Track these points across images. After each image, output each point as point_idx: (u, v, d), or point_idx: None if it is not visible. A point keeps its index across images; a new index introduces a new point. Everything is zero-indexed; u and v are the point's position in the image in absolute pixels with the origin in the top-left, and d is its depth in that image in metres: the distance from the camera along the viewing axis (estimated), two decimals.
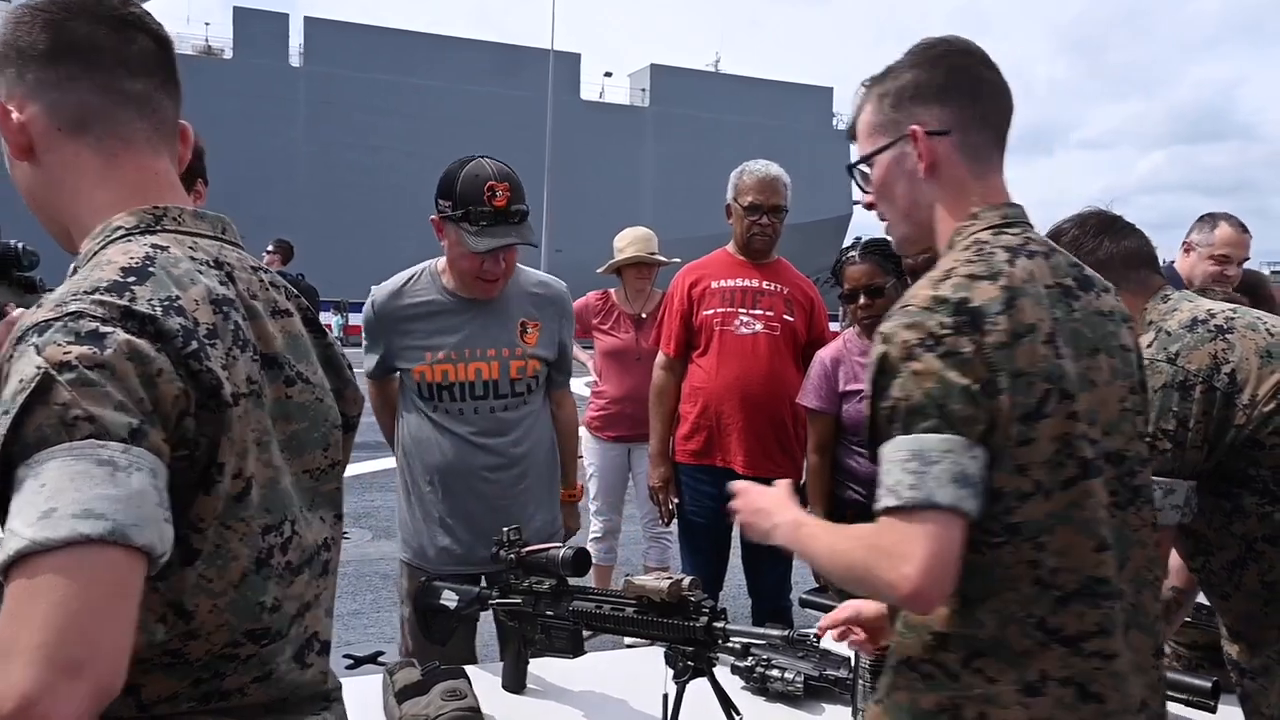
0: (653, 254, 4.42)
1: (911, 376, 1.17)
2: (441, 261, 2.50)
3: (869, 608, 1.66)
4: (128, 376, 0.86)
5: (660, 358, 3.46)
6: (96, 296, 0.90)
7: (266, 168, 34.79)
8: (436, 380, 2.43)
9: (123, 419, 0.84)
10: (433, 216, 2.40)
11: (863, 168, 1.44)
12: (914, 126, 1.34)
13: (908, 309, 1.22)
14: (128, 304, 0.90)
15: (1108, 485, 1.28)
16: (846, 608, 1.69)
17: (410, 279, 2.52)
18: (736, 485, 1.49)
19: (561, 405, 2.68)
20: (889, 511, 1.14)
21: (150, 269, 0.96)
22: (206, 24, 54.79)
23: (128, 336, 0.88)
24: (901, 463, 1.14)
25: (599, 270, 4.55)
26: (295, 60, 38.82)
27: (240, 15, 37.70)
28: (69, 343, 0.85)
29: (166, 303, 0.93)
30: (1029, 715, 1.19)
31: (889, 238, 1.50)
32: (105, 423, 0.83)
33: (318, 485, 1.14)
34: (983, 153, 1.36)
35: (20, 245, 3.94)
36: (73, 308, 0.88)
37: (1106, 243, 1.80)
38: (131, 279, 0.94)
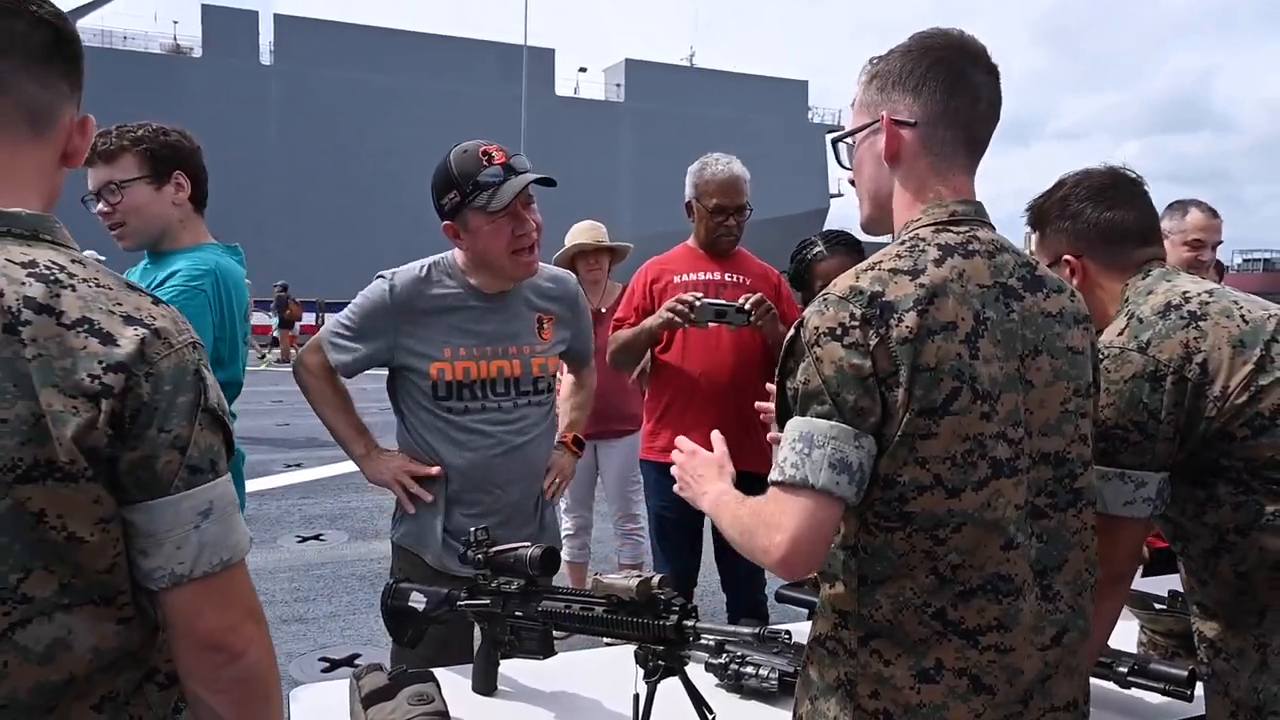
0: (598, 241, 4.40)
1: (814, 362, 1.24)
2: (456, 255, 2.40)
3: None
4: None
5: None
6: None
7: (238, 168, 34.34)
8: (457, 379, 2.33)
9: None
10: (445, 224, 2.30)
11: (845, 142, 1.48)
12: (883, 112, 1.37)
13: (826, 297, 1.27)
14: None
15: (1036, 486, 1.31)
16: None
17: (430, 268, 2.38)
18: (683, 444, 1.55)
19: (586, 380, 2.78)
20: (776, 484, 1.25)
21: None
22: (175, 22, 53.49)
23: None
24: (792, 442, 1.24)
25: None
26: (266, 59, 38.39)
27: (209, 13, 37.17)
28: None
29: None
30: (920, 700, 1.25)
31: (846, 230, 1.55)
32: None
33: None
34: (948, 150, 1.37)
35: None
36: None
37: (1089, 210, 1.74)
38: None
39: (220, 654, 1.09)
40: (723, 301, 3.04)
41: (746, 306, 2.98)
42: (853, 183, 1.49)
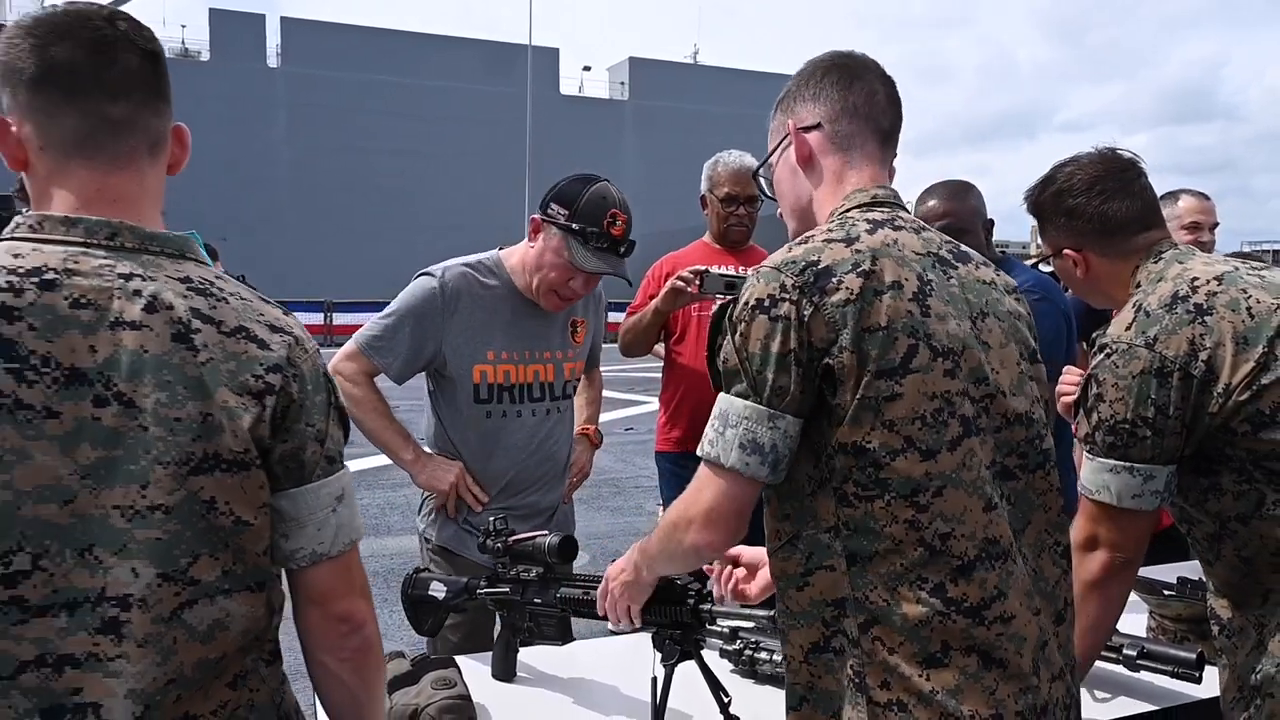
0: None
1: (739, 339, 1.26)
2: (502, 256, 2.43)
3: (746, 552, 1.78)
4: None
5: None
6: None
7: (247, 170, 34.43)
8: (498, 381, 2.37)
9: None
10: (535, 215, 2.34)
11: (763, 176, 1.56)
12: (789, 122, 1.45)
13: (761, 270, 1.28)
14: None
15: (1008, 446, 1.31)
16: (726, 556, 1.80)
17: (476, 264, 2.40)
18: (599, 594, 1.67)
19: (594, 377, 2.81)
20: (700, 457, 1.29)
21: None
22: (183, 26, 53.99)
23: None
24: (713, 419, 1.27)
25: None
26: (273, 61, 38.43)
27: (216, 17, 37.15)
28: None
29: None
30: (932, 686, 1.20)
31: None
32: None
33: (131, 528, 1.04)
34: (856, 141, 1.43)
35: None
36: None
37: (1084, 204, 1.75)
38: None
39: (346, 624, 1.22)
40: (733, 272, 3.04)
41: None
42: (780, 216, 1.54)
